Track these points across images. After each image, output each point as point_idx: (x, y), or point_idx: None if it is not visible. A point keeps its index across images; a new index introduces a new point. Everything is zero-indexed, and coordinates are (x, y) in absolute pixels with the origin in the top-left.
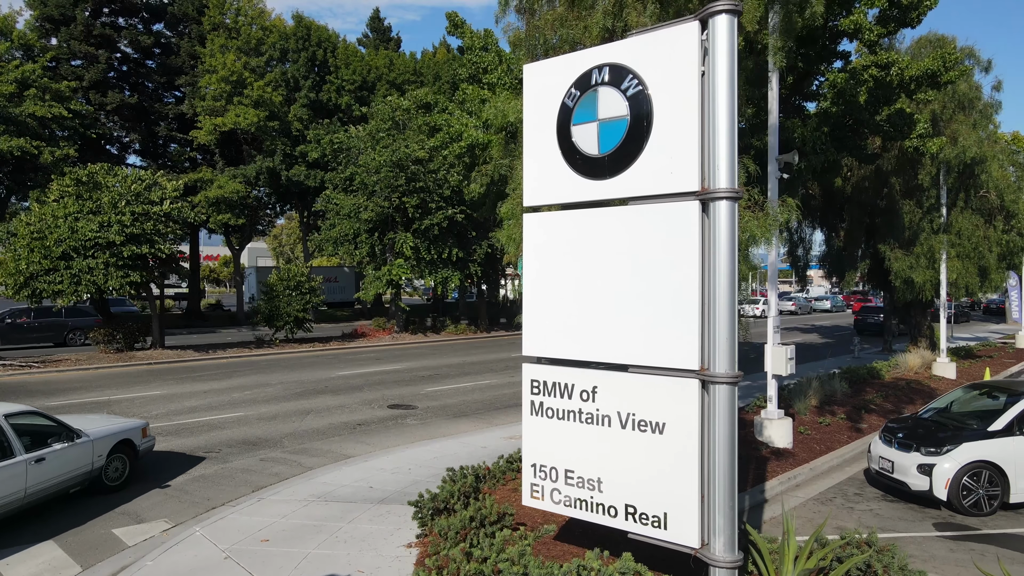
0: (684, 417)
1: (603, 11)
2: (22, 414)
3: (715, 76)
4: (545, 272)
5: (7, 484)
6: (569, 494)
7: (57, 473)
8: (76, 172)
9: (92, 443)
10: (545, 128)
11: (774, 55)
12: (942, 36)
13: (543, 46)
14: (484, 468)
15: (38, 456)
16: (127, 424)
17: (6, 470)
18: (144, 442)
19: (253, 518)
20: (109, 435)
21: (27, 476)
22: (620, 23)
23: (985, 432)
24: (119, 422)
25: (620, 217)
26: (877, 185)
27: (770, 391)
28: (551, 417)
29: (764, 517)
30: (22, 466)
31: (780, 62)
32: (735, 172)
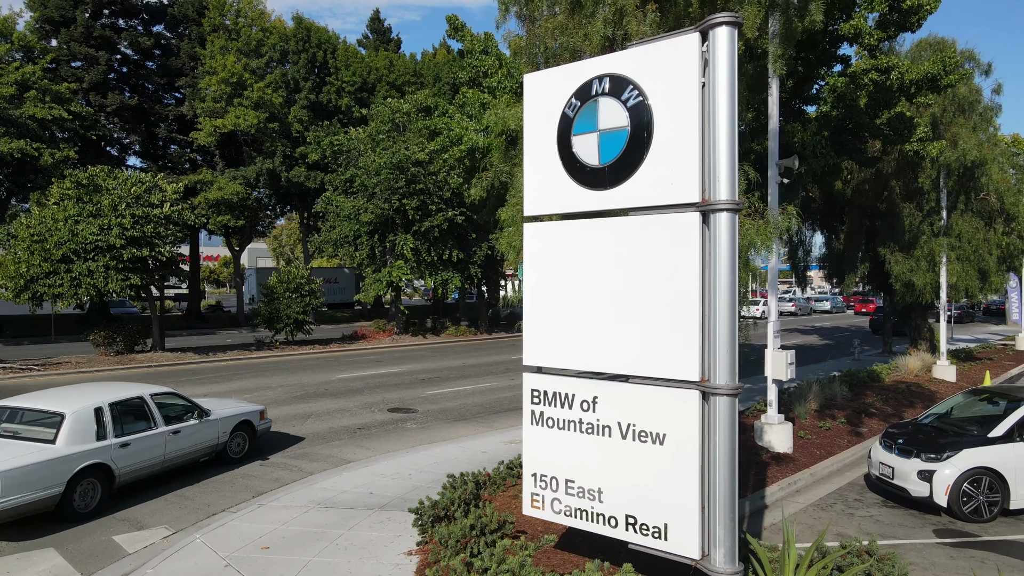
0: (684, 428)
1: (603, 19)
2: (163, 394)
3: (715, 88)
4: (545, 282)
5: (151, 450)
6: (570, 504)
7: (189, 444)
8: (76, 175)
9: (218, 422)
10: (545, 138)
11: (774, 62)
12: (942, 39)
13: (544, 54)
14: (484, 474)
15: (175, 429)
16: (248, 408)
17: (151, 438)
18: (262, 424)
19: (253, 524)
20: (232, 416)
21: (166, 445)
22: (620, 31)
23: (985, 438)
24: (242, 406)
25: (621, 228)
26: (877, 188)
27: (770, 396)
28: (551, 427)
29: (764, 523)
30: (162, 436)
31: (780, 70)
32: (736, 184)
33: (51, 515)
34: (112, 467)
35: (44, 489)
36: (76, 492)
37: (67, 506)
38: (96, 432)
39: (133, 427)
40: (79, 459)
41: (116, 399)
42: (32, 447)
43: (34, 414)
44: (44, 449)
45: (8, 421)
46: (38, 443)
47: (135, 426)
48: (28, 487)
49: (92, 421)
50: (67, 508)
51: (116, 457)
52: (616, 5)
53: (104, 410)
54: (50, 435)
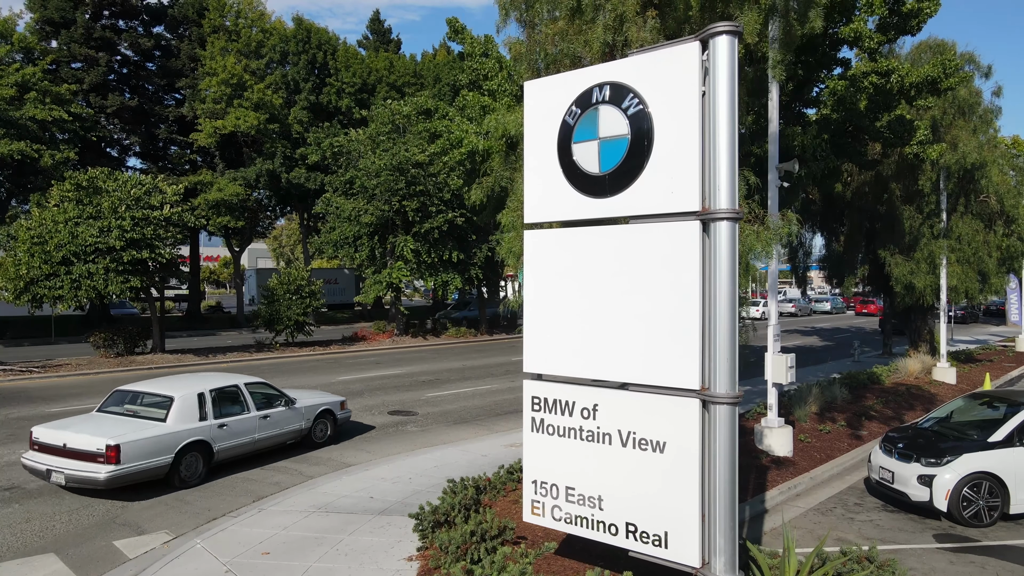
0: (684, 436)
1: (603, 26)
2: (256, 383)
3: (716, 97)
4: (546, 289)
5: (244, 432)
6: (570, 511)
7: (277, 428)
8: (76, 177)
9: (302, 409)
10: (546, 145)
11: (773, 68)
12: (942, 41)
13: (544, 60)
14: (484, 479)
15: (265, 414)
16: (330, 398)
17: (244, 421)
18: (342, 413)
19: (254, 530)
20: (315, 405)
21: (257, 428)
22: (620, 37)
23: (985, 443)
24: (325, 396)
25: (621, 236)
26: (877, 190)
27: (770, 400)
28: (552, 434)
29: (764, 528)
30: (254, 420)
31: (780, 75)
32: (736, 193)
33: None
34: (211, 444)
35: (156, 458)
36: (182, 463)
37: (174, 475)
38: (199, 414)
39: (229, 411)
40: (184, 435)
41: (216, 386)
42: (147, 424)
43: (149, 397)
44: (157, 426)
45: (129, 403)
46: (152, 421)
47: (231, 410)
48: (144, 456)
49: (196, 404)
50: (174, 476)
51: (215, 436)
52: (616, 11)
53: (206, 395)
54: (162, 415)
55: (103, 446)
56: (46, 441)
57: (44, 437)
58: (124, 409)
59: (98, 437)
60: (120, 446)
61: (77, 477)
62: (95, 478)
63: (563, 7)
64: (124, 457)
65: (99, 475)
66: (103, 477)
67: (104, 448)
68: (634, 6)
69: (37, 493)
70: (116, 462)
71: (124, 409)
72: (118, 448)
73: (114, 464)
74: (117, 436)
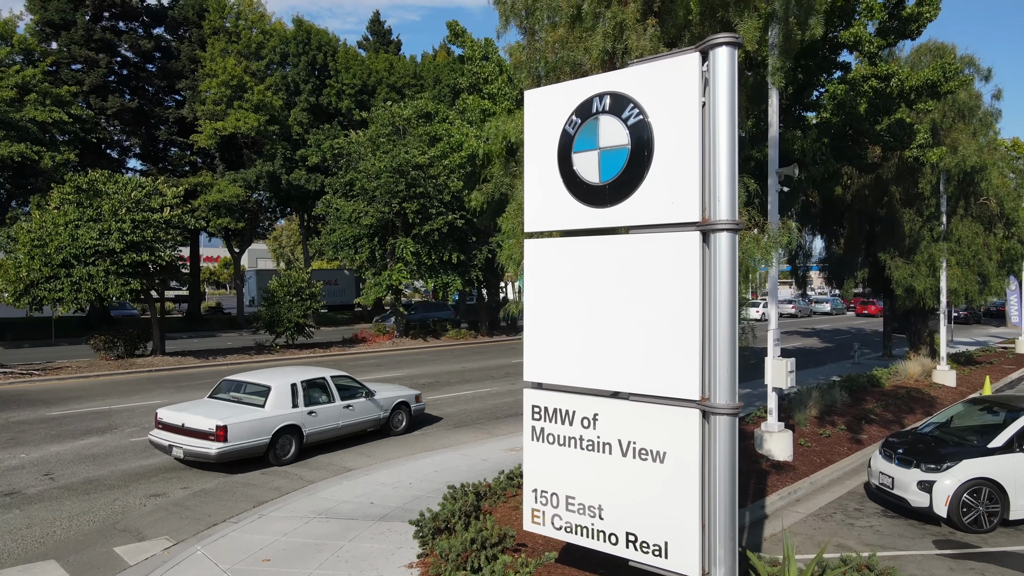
0: (684, 447)
1: (603, 33)
2: (340, 377)
3: (716, 108)
4: (546, 298)
5: (330, 419)
6: (570, 520)
7: (359, 418)
8: (76, 179)
9: (381, 401)
10: (546, 154)
11: (773, 75)
12: (942, 44)
13: (544, 67)
14: (485, 485)
15: (348, 404)
16: (406, 392)
17: (330, 410)
18: (417, 405)
19: (254, 536)
20: (392, 397)
21: (341, 416)
22: (620, 45)
23: (985, 449)
24: (401, 390)
25: (621, 245)
26: (877, 193)
27: (770, 404)
28: (552, 443)
29: (764, 534)
30: (339, 409)
31: (779, 82)
32: (736, 204)
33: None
34: (302, 428)
35: (256, 439)
36: (277, 444)
37: (271, 453)
38: (292, 402)
39: (317, 400)
40: (279, 420)
41: (306, 378)
42: (249, 409)
43: (250, 386)
44: (257, 411)
45: (234, 391)
46: (253, 407)
47: (319, 399)
48: (247, 436)
49: (289, 393)
50: (271, 454)
51: (305, 421)
52: (616, 19)
53: (298, 386)
54: (261, 402)
55: (214, 426)
56: (168, 421)
57: (166, 418)
58: (230, 396)
59: (210, 419)
60: (227, 427)
61: (193, 452)
62: (208, 453)
63: (563, 15)
64: (231, 436)
65: (211, 451)
66: (214, 452)
67: (215, 428)
68: (634, 14)
69: (38, 498)
70: (224, 440)
71: (230, 396)
72: (226, 428)
73: (223, 442)
74: (225, 418)
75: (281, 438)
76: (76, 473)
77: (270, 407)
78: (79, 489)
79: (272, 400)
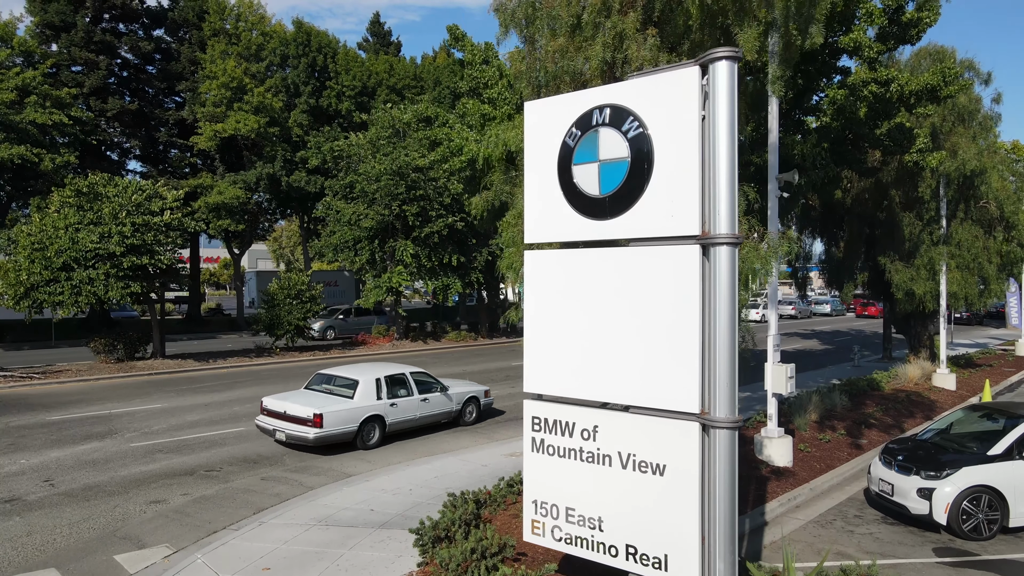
0: (684, 460)
1: (603, 43)
2: (418, 372)
3: (716, 123)
4: (546, 309)
5: (409, 410)
6: (570, 532)
7: (433, 410)
8: (77, 183)
9: (454, 395)
10: (546, 166)
11: (773, 84)
12: (942, 48)
13: (544, 76)
14: (485, 492)
15: (424, 397)
16: (476, 387)
17: (409, 402)
18: (486, 400)
19: (254, 544)
20: (464, 392)
21: (418, 408)
22: (620, 55)
23: (985, 456)
24: (472, 386)
25: (621, 258)
26: (877, 197)
27: (770, 410)
28: (552, 455)
29: (765, 541)
30: (416, 401)
31: (779, 91)
32: (736, 218)
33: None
34: (385, 418)
35: (346, 426)
36: (363, 431)
37: (358, 439)
38: (376, 394)
39: (398, 393)
40: (366, 410)
41: (389, 373)
42: (340, 400)
43: (340, 380)
44: (347, 402)
45: (326, 384)
46: (343, 398)
47: (399, 392)
48: (338, 423)
49: (374, 386)
50: (358, 440)
51: (387, 412)
52: (616, 29)
53: (382, 380)
54: (350, 394)
55: (312, 414)
56: (272, 408)
57: (271, 406)
58: (322, 388)
59: (308, 407)
60: (323, 415)
61: (294, 436)
62: (306, 437)
63: (563, 24)
64: (326, 423)
65: (309, 435)
66: (312, 437)
67: (312, 416)
68: (634, 24)
69: (38, 505)
70: (320, 426)
71: (322, 388)
72: (322, 416)
73: (319, 428)
74: (321, 407)
75: (367, 426)
76: (76, 479)
77: (358, 399)
78: (79, 495)
79: (360, 392)
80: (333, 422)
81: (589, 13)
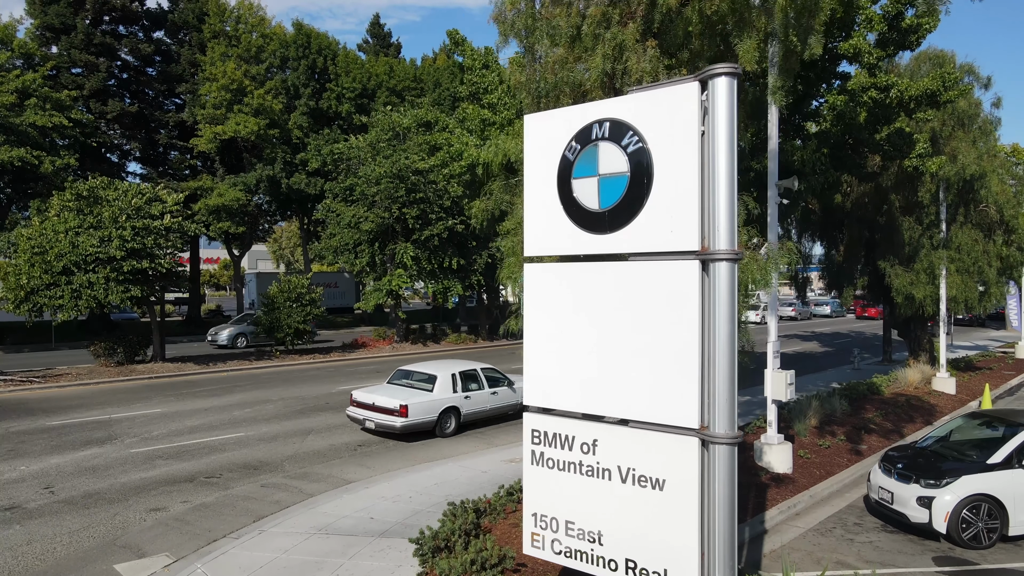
0: (684, 475)
1: (602, 55)
2: (488, 369)
3: (715, 138)
4: (545, 323)
5: (480, 403)
6: (570, 545)
7: (501, 402)
8: (77, 187)
9: (519, 390)
10: (546, 180)
11: (774, 94)
12: (941, 52)
13: (544, 87)
14: (484, 501)
15: (493, 391)
16: None
17: (480, 395)
18: None
19: (254, 553)
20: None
21: (488, 401)
22: (620, 66)
23: (984, 465)
24: None
25: (620, 272)
26: (877, 201)
27: (770, 416)
28: (552, 468)
29: (764, 549)
30: (487, 395)
31: (780, 101)
32: (735, 234)
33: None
34: (460, 409)
35: (427, 416)
36: (441, 421)
37: (437, 427)
38: (452, 387)
39: (470, 387)
40: (444, 402)
41: (462, 369)
42: (421, 392)
43: (419, 375)
44: (427, 394)
45: (405, 378)
46: (423, 391)
47: (471, 386)
48: (421, 414)
49: (450, 380)
50: (437, 429)
51: (462, 404)
52: (616, 40)
53: (456, 375)
54: (429, 387)
55: (398, 405)
56: (361, 400)
57: (360, 398)
58: (403, 382)
59: (395, 399)
60: (408, 405)
61: (383, 424)
62: (393, 426)
63: (563, 35)
64: (411, 413)
65: (396, 424)
66: (399, 426)
67: (399, 407)
68: (633, 34)
69: (38, 513)
70: (406, 416)
71: (403, 382)
72: (407, 407)
73: (405, 417)
74: (406, 399)
75: (444, 416)
76: (76, 486)
77: (436, 391)
78: (79, 503)
79: (438, 386)
80: (416, 412)
81: (589, 24)
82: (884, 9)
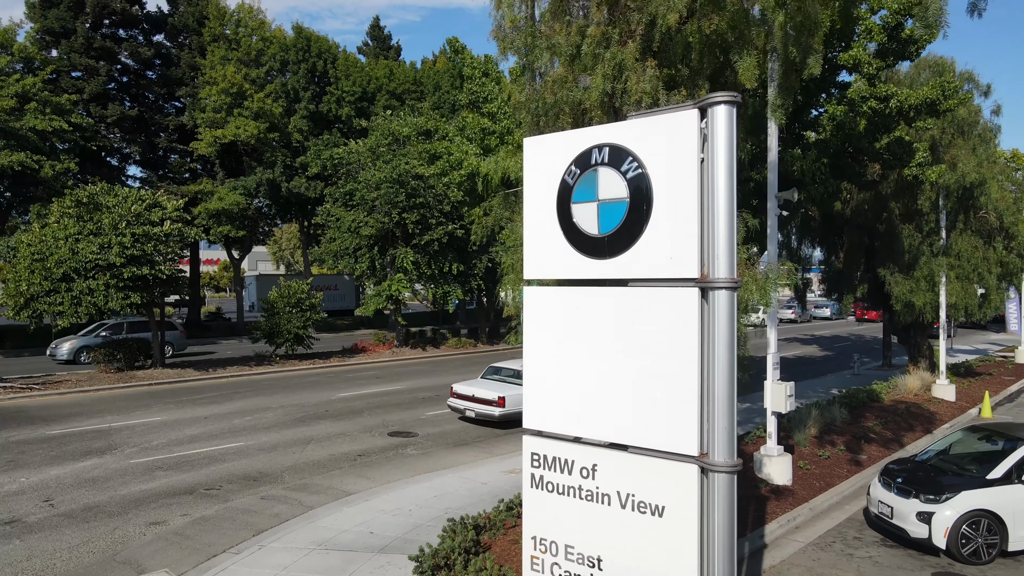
0: (683, 501)
1: (602, 74)
2: None
3: (715, 166)
4: (545, 345)
5: None
6: (569, 569)
7: None
8: (77, 193)
9: None
10: (545, 203)
11: (774, 112)
12: (941, 59)
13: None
14: (484, 516)
15: None
16: None
17: None
18: None
19: (254, 569)
20: None
21: None
22: (620, 85)
23: (984, 480)
24: None
25: (620, 298)
26: (876, 209)
27: (770, 428)
28: (551, 491)
29: (764, 565)
30: None
31: (780, 119)
32: (735, 261)
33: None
34: None
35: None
36: None
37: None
38: None
39: None
40: None
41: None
42: (513, 386)
43: (507, 371)
44: (519, 387)
45: (496, 375)
46: (515, 384)
47: None
48: (516, 404)
49: None
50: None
51: None
52: (616, 59)
53: None
54: (519, 381)
55: (496, 396)
56: (461, 392)
57: (461, 391)
58: (495, 378)
59: (492, 391)
60: (505, 397)
61: (482, 414)
62: (492, 415)
63: (562, 53)
64: (507, 404)
65: (495, 413)
66: (497, 415)
67: (497, 398)
68: (633, 54)
69: (38, 527)
70: (503, 406)
71: (495, 378)
72: (504, 398)
73: (502, 408)
74: (502, 391)
75: None
76: (76, 499)
77: None
78: (79, 516)
79: None
80: (512, 403)
81: (588, 44)
82: (884, 20)
